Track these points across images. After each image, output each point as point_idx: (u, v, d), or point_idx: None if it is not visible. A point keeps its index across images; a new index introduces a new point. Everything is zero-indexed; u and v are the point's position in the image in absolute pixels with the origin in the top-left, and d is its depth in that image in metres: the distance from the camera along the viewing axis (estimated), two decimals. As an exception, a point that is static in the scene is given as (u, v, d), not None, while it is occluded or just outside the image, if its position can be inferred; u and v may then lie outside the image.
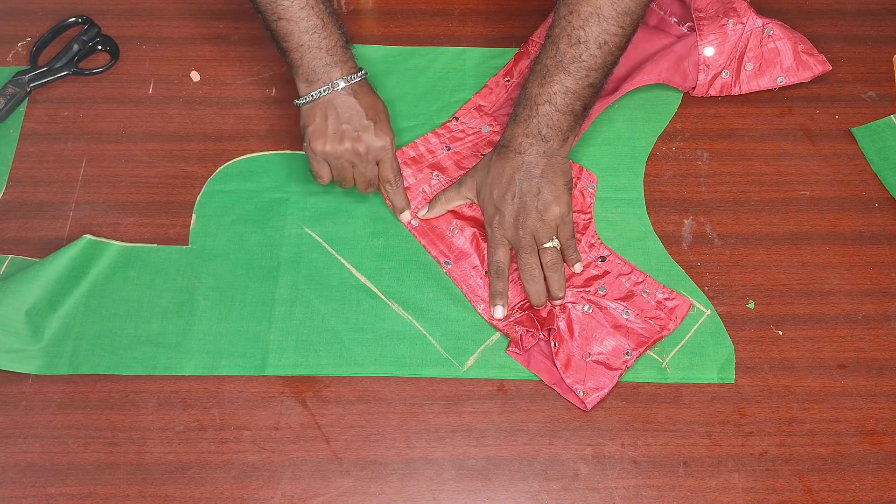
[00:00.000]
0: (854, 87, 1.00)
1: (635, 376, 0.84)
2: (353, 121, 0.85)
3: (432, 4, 1.05)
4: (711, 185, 0.94)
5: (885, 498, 0.79)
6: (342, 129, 0.85)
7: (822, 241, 0.91)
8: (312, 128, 0.86)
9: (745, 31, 0.96)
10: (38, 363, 0.83)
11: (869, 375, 0.84)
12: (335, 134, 0.85)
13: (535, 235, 0.85)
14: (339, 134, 0.85)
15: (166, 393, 0.83)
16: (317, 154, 0.86)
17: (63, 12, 1.03)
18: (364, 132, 0.85)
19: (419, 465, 0.80)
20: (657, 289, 0.87)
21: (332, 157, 0.86)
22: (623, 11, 0.81)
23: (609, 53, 0.83)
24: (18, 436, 0.80)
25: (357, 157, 0.86)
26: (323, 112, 0.85)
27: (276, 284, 0.88)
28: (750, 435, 0.82)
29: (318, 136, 0.85)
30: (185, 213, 0.92)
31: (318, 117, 0.85)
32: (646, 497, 0.79)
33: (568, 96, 0.83)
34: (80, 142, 0.95)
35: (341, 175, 0.87)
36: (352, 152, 0.86)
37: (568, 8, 0.83)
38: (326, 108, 0.85)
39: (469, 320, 0.87)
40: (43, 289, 0.85)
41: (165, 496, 0.78)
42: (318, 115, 0.85)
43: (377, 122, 0.86)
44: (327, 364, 0.84)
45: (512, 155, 0.85)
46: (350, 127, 0.85)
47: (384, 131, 0.87)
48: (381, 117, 0.87)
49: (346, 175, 0.88)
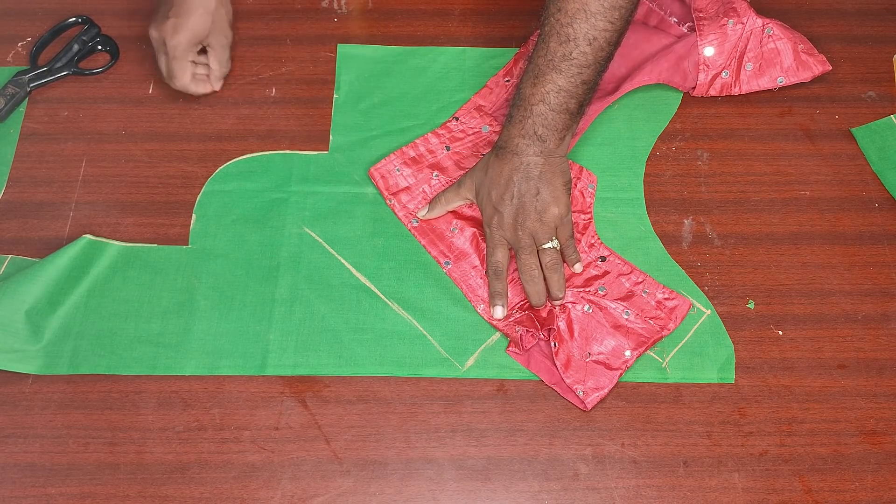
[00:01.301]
0: (854, 87, 1.00)
1: (635, 376, 0.84)
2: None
3: (432, 4, 1.05)
4: (711, 185, 0.94)
5: (885, 498, 0.79)
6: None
7: (822, 241, 0.91)
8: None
9: (745, 31, 0.96)
10: (38, 363, 0.83)
11: (869, 375, 0.84)
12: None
13: (535, 236, 0.85)
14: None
15: (166, 393, 0.83)
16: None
17: (63, 12, 1.03)
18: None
19: (419, 465, 0.80)
20: (657, 289, 0.87)
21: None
22: (610, 6, 0.81)
23: (600, 49, 0.83)
24: (18, 436, 0.80)
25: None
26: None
27: (276, 284, 0.88)
28: (750, 435, 0.82)
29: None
30: (185, 213, 0.92)
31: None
32: (646, 497, 0.79)
33: (561, 95, 0.83)
34: (80, 142, 0.95)
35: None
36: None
37: (556, 5, 0.82)
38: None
39: (469, 320, 0.87)
40: (43, 289, 0.85)
41: (165, 496, 0.78)
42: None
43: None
44: (327, 364, 0.84)
45: (509, 156, 0.85)
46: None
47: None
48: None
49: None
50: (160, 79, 0.99)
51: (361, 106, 0.98)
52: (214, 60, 0.96)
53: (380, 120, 0.97)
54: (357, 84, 1.00)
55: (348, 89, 0.99)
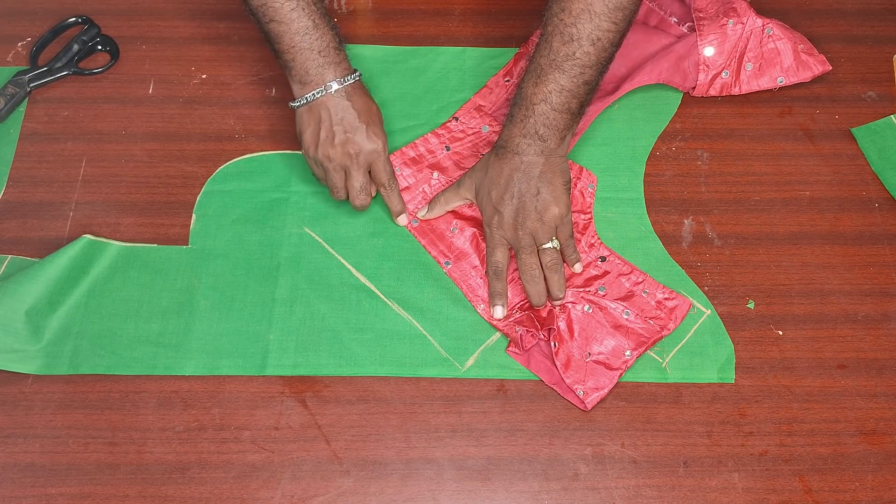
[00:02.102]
0: (854, 87, 1.00)
1: (635, 376, 0.84)
2: (345, 123, 0.85)
3: (432, 4, 1.05)
4: (711, 185, 0.94)
5: (885, 498, 0.79)
6: (333, 132, 0.85)
7: (822, 241, 0.91)
8: (308, 133, 0.86)
9: (745, 31, 0.96)
10: (38, 363, 0.83)
11: (869, 375, 0.84)
12: (327, 137, 0.85)
13: (535, 236, 0.85)
14: (331, 136, 0.85)
15: (166, 393, 0.83)
16: (312, 159, 0.87)
17: (63, 12, 1.03)
18: (355, 134, 0.86)
19: (419, 465, 0.80)
20: (657, 289, 0.87)
21: (325, 161, 0.86)
22: (615, 7, 0.81)
23: (603, 50, 0.83)
24: (18, 436, 0.80)
25: (348, 159, 0.86)
26: (317, 115, 0.86)
27: (276, 284, 0.88)
28: (750, 435, 0.82)
29: (311, 140, 0.86)
30: (185, 213, 0.92)
31: (312, 121, 0.86)
32: (646, 497, 0.79)
33: (563, 95, 0.83)
34: (80, 142, 0.95)
35: (333, 181, 0.87)
36: (343, 155, 0.86)
37: (560, 5, 0.82)
38: (320, 110, 0.85)
39: (469, 320, 0.87)
40: (43, 289, 0.85)
41: (165, 496, 0.78)
42: (312, 118, 0.86)
43: (369, 124, 0.86)
44: (327, 364, 0.84)
45: (510, 156, 0.85)
46: (341, 129, 0.85)
47: (376, 134, 0.87)
48: (374, 120, 0.87)
49: (337, 181, 0.87)
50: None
51: (361, 106, 0.98)
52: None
53: (380, 120, 0.97)
54: (357, 84, 1.00)
55: (348, 89, 0.99)
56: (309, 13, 0.84)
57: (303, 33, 0.84)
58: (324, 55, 0.85)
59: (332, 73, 0.85)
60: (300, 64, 0.85)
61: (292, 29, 0.84)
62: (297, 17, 0.83)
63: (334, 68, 0.85)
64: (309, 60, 0.85)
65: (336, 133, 0.85)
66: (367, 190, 0.88)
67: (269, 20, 0.84)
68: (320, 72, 0.85)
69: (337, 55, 0.86)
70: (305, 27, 0.84)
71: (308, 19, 0.84)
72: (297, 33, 0.84)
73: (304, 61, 0.85)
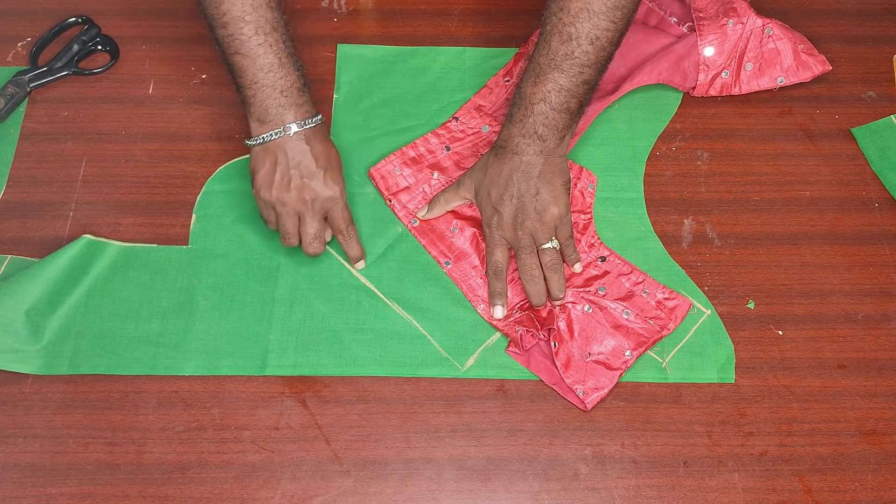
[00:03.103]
0: (854, 87, 1.00)
1: (635, 376, 0.84)
2: (302, 167, 0.83)
3: (432, 4, 1.05)
4: (711, 185, 0.94)
5: (885, 498, 0.79)
6: (290, 175, 0.83)
7: (822, 241, 0.91)
8: (261, 173, 0.83)
9: (745, 31, 0.96)
10: (38, 363, 0.83)
11: (869, 375, 0.84)
12: (282, 180, 0.83)
13: (534, 236, 0.85)
14: (287, 180, 0.83)
15: (166, 393, 0.83)
16: (263, 201, 0.84)
17: (63, 12, 1.03)
18: (312, 180, 0.83)
19: (419, 465, 0.80)
20: (657, 289, 0.87)
21: (278, 205, 0.83)
22: (613, 6, 0.81)
23: (601, 49, 0.83)
24: (18, 436, 0.80)
25: (303, 205, 0.83)
26: (273, 156, 0.83)
27: (276, 284, 0.88)
28: (750, 435, 0.82)
29: (265, 181, 0.83)
30: (185, 213, 0.92)
31: (267, 162, 0.83)
32: (646, 497, 0.79)
33: (562, 94, 0.83)
34: (80, 142, 0.95)
35: (285, 226, 0.84)
36: (297, 200, 0.83)
37: (558, 5, 0.82)
38: (277, 151, 0.83)
39: (469, 320, 0.87)
40: (43, 289, 0.85)
41: (165, 496, 0.78)
42: (267, 159, 0.83)
43: (328, 170, 0.84)
44: (327, 364, 0.84)
45: (509, 155, 0.85)
46: (297, 173, 0.83)
47: (334, 180, 0.84)
48: (333, 165, 0.85)
49: (289, 227, 0.84)
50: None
51: (361, 106, 0.98)
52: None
53: (380, 120, 0.97)
54: (357, 84, 1.00)
55: (348, 89, 0.99)
56: (276, 51, 0.82)
57: (266, 70, 0.81)
58: (286, 95, 0.82)
59: (293, 114, 0.83)
60: (260, 102, 0.82)
61: (256, 64, 0.81)
62: (262, 52, 0.81)
63: (295, 110, 0.83)
64: (270, 99, 0.82)
65: (292, 177, 0.83)
66: (321, 238, 0.85)
67: (235, 52, 0.81)
68: (280, 112, 0.83)
69: (300, 97, 0.83)
70: (270, 64, 0.81)
71: (274, 56, 0.81)
72: (260, 69, 0.81)
73: (265, 99, 0.82)
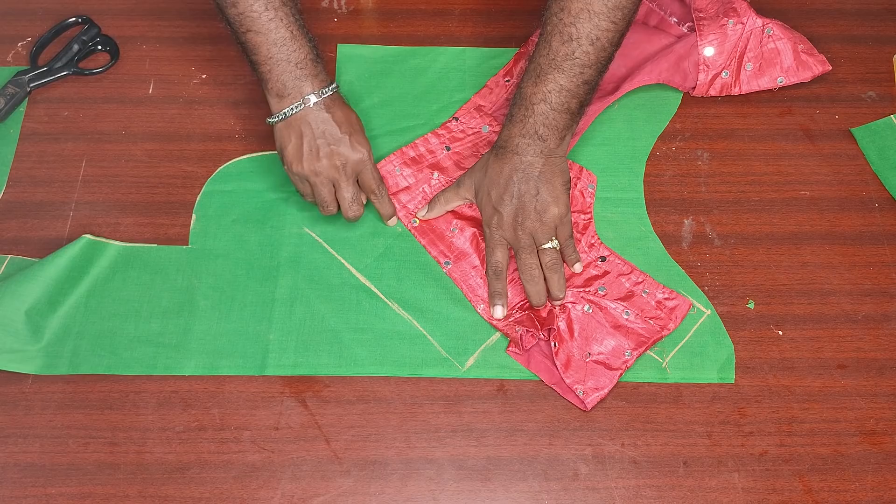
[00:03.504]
0: (854, 87, 1.00)
1: (635, 376, 0.84)
2: (328, 135, 0.84)
3: (432, 4, 1.05)
4: (711, 185, 0.94)
5: (885, 498, 0.79)
6: (317, 145, 0.84)
7: (822, 241, 0.91)
8: (290, 148, 0.84)
9: (745, 31, 0.96)
10: (38, 363, 0.83)
11: (869, 375, 0.84)
12: (311, 151, 0.84)
13: (534, 236, 0.85)
14: (315, 150, 0.84)
15: (166, 393, 0.83)
16: (297, 175, 0.85)
17: (63, 12, 1.03)
18: (339, 146, 0.84)
19: (419, 465, 0.80)
20: (657, 289, 0.87)
21: (311, 176, 0.85)
22: (614, 6, 0.81)
23: (602, 49, 0.83)
24: (18, 436, 0.80)
25: (336, 171, 0.85)
26: (297, 130, 0.84)
27: (276, 284, 0.88)
28: (750, 435, 0.82)
29: (295, 155, 0.84)
30: (185, 213, 0.92)
31: (293, 136, 0.84)
32: (646, 497, 0.79)
33: (563, 94, 0.83)
34: (80, 142, 0.95)
35: (322, 195, 0.86)
36: (330, 168, 0.85)
37: (559, 5, 0.82)
38: (300, 124, 0.84)
39: (469, 320, 0.87)
40: (43, 289, 0.85)
41: (165, 496, 0.78)
42: (293, 133, 0.84)
43: (352, 134, 0.85)
44: (327, 364, 0.84)
45: (509, 156, 0.85)
46: (324, 141, 0.84)
47: (360, 143, 0.86)
48: (356, 129, 0.86)
49: (326, 196, 0.86)
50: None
51: (361, 106, 0.98)
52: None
53: (380, 120, 0.97)
54: (357, 84, 1.00)
55: (348, 89, 0.99)
56: (287, 24, 0.82)
57: (280, 44, 0.82)
58: (301, 67, 0.83)
59: (310, 85, 0.84)
60: (277, 76, 0.83)
61: (269, 39, 0.82)
62: (274, 27, 0.82)
63: (312, 80, 0.84)
64: (286, 73, 0.83)
65: (320, 146, 0.84)
66: (358, 200, 0.87)
67: (247, 30, 0.82)
68: (298, 84, 0.83)
69: (314, 67, 0.84)
70: (283, 38, 0.82)
71: (286, 30, 0.82)
72: (273, 44, 0.82)
73: (282, 73, 0.83)
